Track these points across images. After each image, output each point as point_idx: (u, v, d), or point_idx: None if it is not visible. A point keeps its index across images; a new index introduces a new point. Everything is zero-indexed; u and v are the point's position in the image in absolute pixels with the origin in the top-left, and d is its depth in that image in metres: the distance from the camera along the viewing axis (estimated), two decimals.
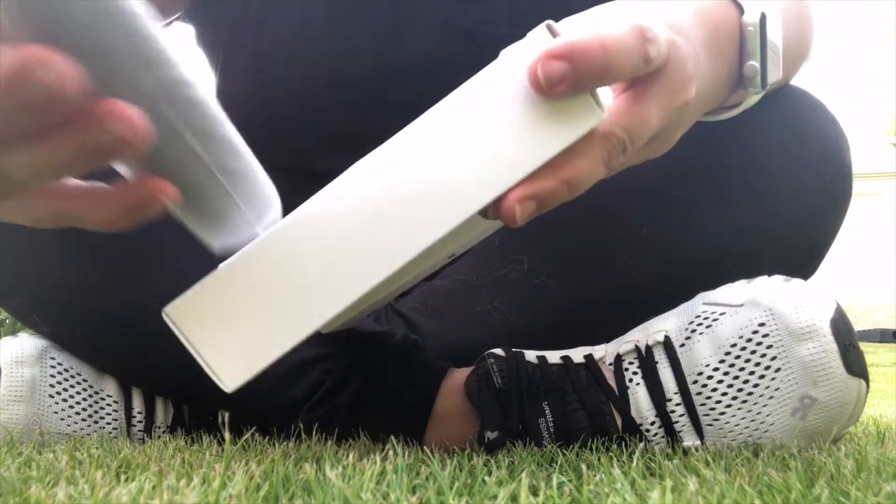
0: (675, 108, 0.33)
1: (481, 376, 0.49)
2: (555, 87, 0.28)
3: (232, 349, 0.30)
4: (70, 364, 0.53)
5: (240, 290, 0.30)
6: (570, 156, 0.29)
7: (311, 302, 0.29)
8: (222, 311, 0.30)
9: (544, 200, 0.30)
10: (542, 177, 0.29)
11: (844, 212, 0.53)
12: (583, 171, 0.30)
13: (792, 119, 0.51)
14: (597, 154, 0.30)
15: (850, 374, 0.43)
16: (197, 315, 0.31)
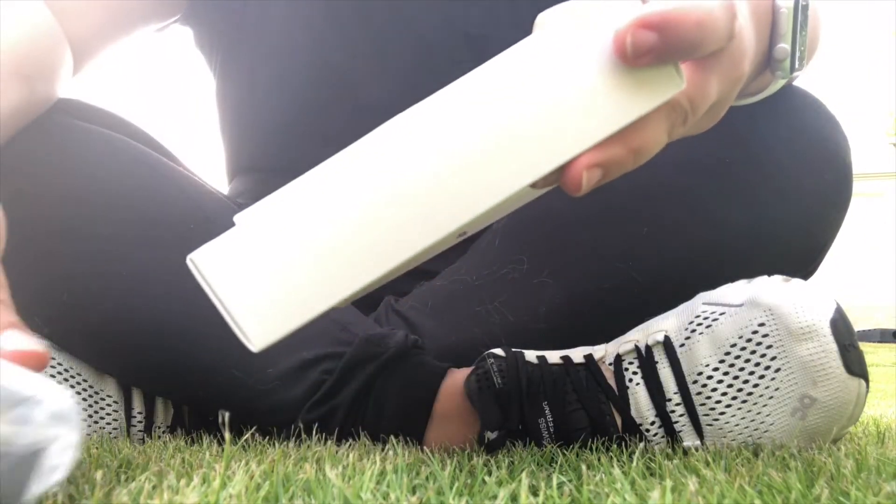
0: (732, 82, 0.32)
1: (481, 376, 0.49)
2: (641, 58, 0.27)
3: (263, 305, 0.27)
4: (70, 364, 0.53)
5: (277, 242, 0.27)
6: (639, 123, 0.28)
7: (354, 261, 0.27)
8: (256, 262, 0.27)
9: (611, 169, 0.29)
10: (612, 144, 0.28)
11: (844, 212, 0.53)
12: (651, 139, 0.29)
13: (792, 119, 0.51)
14: (663, 123, 0.29)
15: (850, 374, 0.43)
16: (227, 265, 0.27)
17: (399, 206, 0.26)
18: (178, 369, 0.52)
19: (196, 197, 0.54)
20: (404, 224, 0.26)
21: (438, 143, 0.26)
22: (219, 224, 0.54)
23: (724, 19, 0.28)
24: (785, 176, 0.50)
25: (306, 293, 0.27)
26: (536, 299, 0.54)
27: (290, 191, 0.27)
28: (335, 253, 0.27)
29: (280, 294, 0.27)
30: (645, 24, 0.26)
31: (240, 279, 0.27)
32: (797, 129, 0.51)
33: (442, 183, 0.26)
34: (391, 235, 0.26)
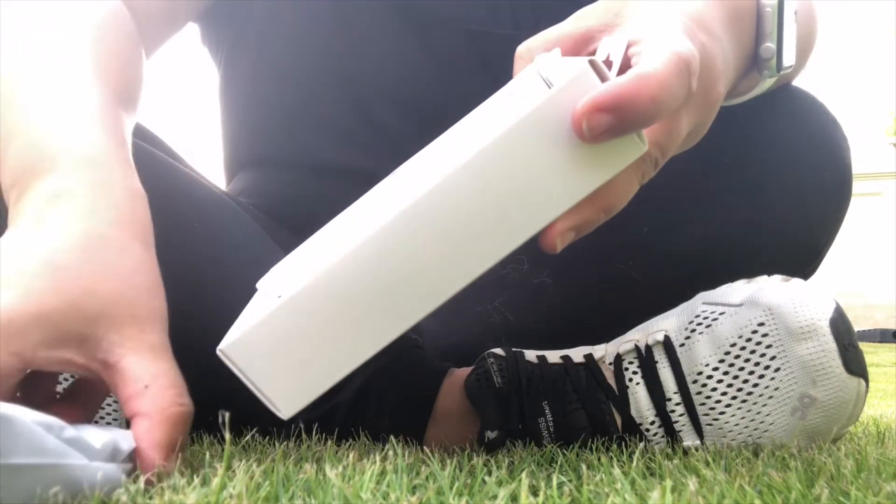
0: (706, 109, 0.33)
1: (481, 376, 0.49)
2: (599, 138, 0.28)
3: (290, 378, 0.31)
4: None
5: (295, 324, 0.30)
6: (606, 185, 0.30)
7: (368, 330, 0.30)
8: (279, 342, 0.31)
9: (583, 228, 0.31)
10: (582, 208, 0.30)
11: (844, 212, 0.53)
12: (619, 195, 0.31)
13: (792, 119, 0.51)
14: (633, 176, 0.31)
15: (850, 374, 0.43)
16: (252, 349, 0.31)
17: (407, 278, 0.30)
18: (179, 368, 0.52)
19: (199, 197, 0.54)
20: (407, 296, 0.30)
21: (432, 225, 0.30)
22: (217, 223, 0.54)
23: (680, 84, 0.28)
24: (785, 176, 0.50)
25: (325, 363, 0.31)
26: (537, 299, 0.54)
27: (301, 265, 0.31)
28: (349, 325, 0.30)
29: (303, 364, 0.31)
30: (599, 108, 0.27)
31: (263, 357, 0.31)
32: (797, 129, 0.51)
33: (439, 258, 0.30)
34: (396, 307, 0.30)
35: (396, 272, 0.30)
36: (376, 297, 0.30)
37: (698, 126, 0.34)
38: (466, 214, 0.30)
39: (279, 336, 0.31)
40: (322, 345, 0.31)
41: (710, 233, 0.51)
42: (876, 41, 10.67)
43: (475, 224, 0.30)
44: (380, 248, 0.30)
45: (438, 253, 0.30)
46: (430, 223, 0.30)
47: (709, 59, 0.32)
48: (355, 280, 0.30)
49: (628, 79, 0.27)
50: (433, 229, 0.30)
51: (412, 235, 0.30)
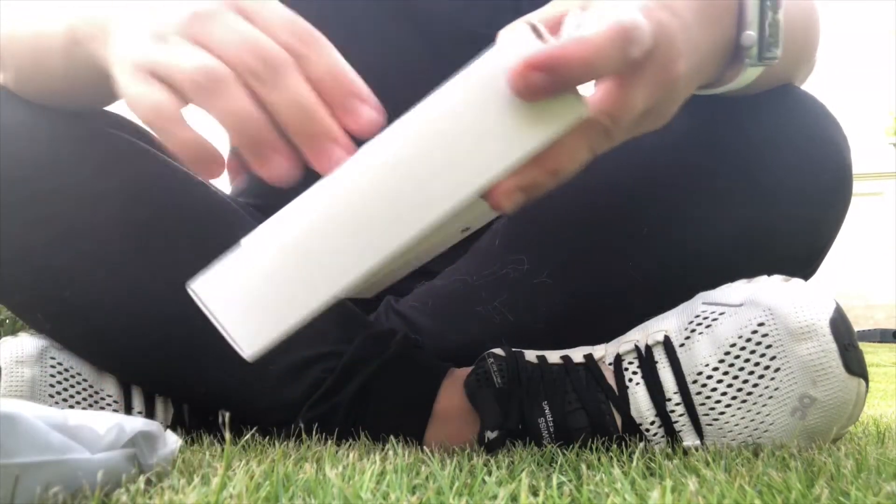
0: (664, 86, 0.34)
1: (481, 376, 0.49)
2: (535, 95, 0.29)
3: (253, 319, 0.32)
4: (70, 364, 0.53)
5: (259, 264, 0.32)
6: (554, 147, 0.31)
7: (322, 275, 0.32)
8: (244, 283, 0.32)
9: (530, 190, 0.31)
10: (528, 169, 0.31)
11: (845, 212, 0.53)
12: (566, 159, 0.31)
13: (792, 120, 0.51)
14: (581, 142, 0.32)
15: (850, 374, 0.43)
16: (220, 289, 0.33)
17: (355, 227, 0.31)
18: (178, 368, 0.52)
19: (198, 198, 0.54)
20: (361, 242, 0.31)
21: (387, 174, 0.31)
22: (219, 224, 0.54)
23: (615, 48, 0.30)
24: (785, 176, 0.50)
25: (287, 304, 0.32)
26: (536, 299, 0.54)
27: (271, 220, 0.32)
28: (308, 266, 0.32)
29: (265, 306, 0.32)
30: (533, 66, 0.28)
31: (230, 297, 0.33)
32: (797, 129, 0.51)
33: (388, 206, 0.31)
34: (348, 253, 0.31)
35: (346, 221, 0.31)
36: (330, 242, 0.31)
37: (660, 105, 0.35)
38: (415, 167, 0.31)
39: (243, 277, 0.32)
40: (282, 287, 0.32)
41: (710, 233, 0.51)
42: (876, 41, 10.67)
43: (423, 177, 0.31)
44: (331, 197, 0.32)
45: (388, 203, 0.31)
46: (380, 174, 0.31)
47: (666, 36, 0.33)
48: (310, 225, 0.32)
49: (563, 41, 0.29)
50: (383, 180, 0.31)
51: (362, 186, 0.31)
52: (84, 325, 0.51)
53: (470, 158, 0.31)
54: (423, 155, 0.31)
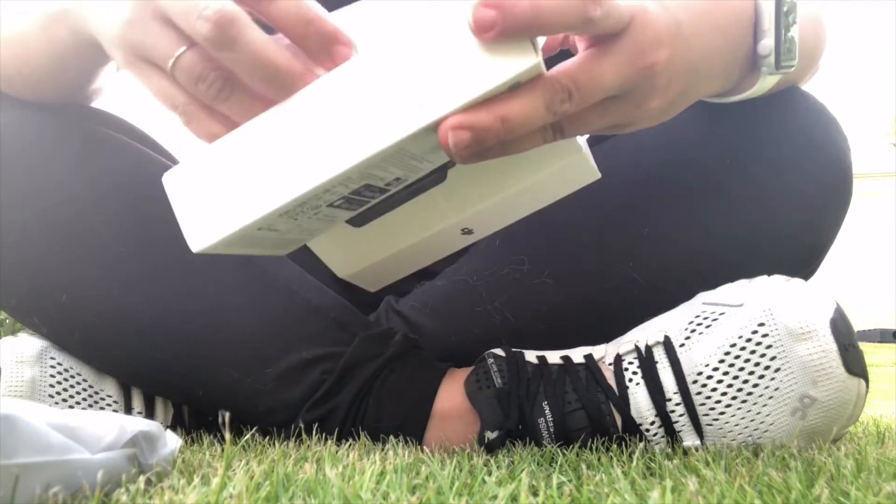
0: (639, 70, 0.34)
1: (481, 376, 0.49)
2: (485, 33, 0.30)
3: (206, 216, 0.35)
4: (70, 364, 0.53)
5: (223, 164, 0.35)
6: (509, 95, 0.31)
7: (274, 184, 0.34)
8: (206, 180, 0.35)
9: (478, 134, 0.31)
10: (477, 110, 0.31)
11: (845, 212, 0.53)
12: (520, 111, 0.32)
13: (792, 120, 0.51)
14: (538, 98, 0.32)
15: (850, 374, 0.43)
16: (185, 182, 0.35)
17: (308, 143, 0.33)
18: (177, 369, 0.52)
19: None
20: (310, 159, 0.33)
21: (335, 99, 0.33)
22: None
23: (570, 7, 0.30)
24: (785, 177, 0.50)
25: (238, 207, 0.34)
26: (537, 299, 0.54)
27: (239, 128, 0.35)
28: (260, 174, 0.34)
29: (219, 205, 0.35)
30: (486, 3, 0.30)
31: (189, 192, 0.35)
32: (797, 130, 0.51)
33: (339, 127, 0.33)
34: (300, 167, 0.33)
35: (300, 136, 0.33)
36: (283, 155, 0.33)
37: (637, 93, 0.35)
38: (369, 91, 0.32)
39: (204, 174, 0.35)
40: (236, 189, 0.34)
41: (711, 233, 0.51)
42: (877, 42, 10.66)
43: (375, 102, 0.32)
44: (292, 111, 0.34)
45: (339, 125, 0.33)
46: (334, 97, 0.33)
47: (646, 20, 0.34)
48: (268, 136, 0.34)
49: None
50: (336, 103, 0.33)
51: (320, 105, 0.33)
52: (81, 329, 0.51)
53: (422, 89, 0.32)
54: (377, 79, 0.32)
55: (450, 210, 0.46)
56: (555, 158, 0.42)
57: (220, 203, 0.35)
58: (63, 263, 0.49)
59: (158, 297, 0.50)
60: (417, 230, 0.47)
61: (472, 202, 0.46)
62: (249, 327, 0.51)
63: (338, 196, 0.36)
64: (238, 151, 0.34)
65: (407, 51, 0.32)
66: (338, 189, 0.35)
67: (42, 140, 0.50)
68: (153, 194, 0.52)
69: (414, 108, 0.32)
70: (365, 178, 0.35)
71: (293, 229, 0.38)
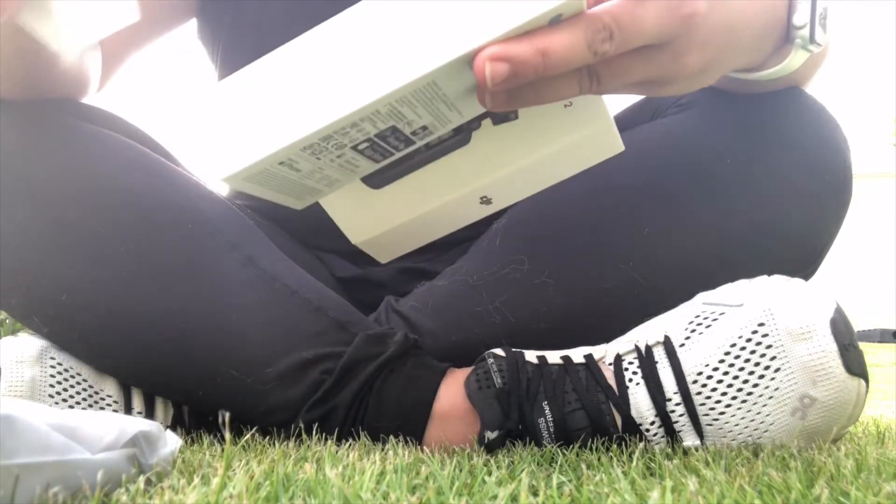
0: (679, 19, 0.34)
1: (481, 376, 0.49)
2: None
3: (230, 145, 0.34)
4: (70, 364, 0.53)
5: (249, 92, 0.34)
6: (550, 29, 0.31)
7: (301, 112, 0.33)
8: (231, 109, 0.34)
9: (517, 66, 0.31)
10: (517, 41, 0.31)
11: (845, 212, 0.53)
12: (560, 45, 0.31)
13: (793, 120, 0.51)
14: (579, 34, 0.31)
15: (850, 374, 0.43)
16: (210, 111, 0.35)
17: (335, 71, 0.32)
18: (177, 369, 0.52)
19: (194, 198, 0.54)
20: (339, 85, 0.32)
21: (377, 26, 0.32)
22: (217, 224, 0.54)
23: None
24: (785, 177, 0.50)
25: (264, 134, 0.33)
26: (537, 299, 0.54)
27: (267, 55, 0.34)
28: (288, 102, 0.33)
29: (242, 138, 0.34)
30: None
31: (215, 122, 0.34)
32: (798, 130, 0.51)
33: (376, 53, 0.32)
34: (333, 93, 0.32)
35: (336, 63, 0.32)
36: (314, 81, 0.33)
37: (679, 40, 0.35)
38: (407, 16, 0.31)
39: (232, 100, 0.34)
40: (266, 115, 0.33)
41: (711, 233, 0.51)
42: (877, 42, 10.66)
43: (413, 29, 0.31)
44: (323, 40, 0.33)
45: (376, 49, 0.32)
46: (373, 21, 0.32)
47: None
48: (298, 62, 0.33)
49: None
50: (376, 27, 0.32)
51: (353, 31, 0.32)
52: (81, 329, 0.51)
53: (462, 16, 0.31)
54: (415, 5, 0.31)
55: (471, 175, 0.45)
56: (582, 125, 0.42)
57: (245, 132, 0.34)
58: (63, 263, 0.49)
59: (159, 297, 0.50)
60: (437, 195, 0.46)
61: (495, 168, 0.45)
62: (250, 327, 0.51)
63: (363, 136, 0.35)
64: (265, 80, 0.34)
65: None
66: (365, 125, 0.34)
67: (42, 139, 0.50)
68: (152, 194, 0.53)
69: (452, 36, 0.31)
70: (393, 116, 0.34)
71: (314, 172, 0.37)
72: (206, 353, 0.51)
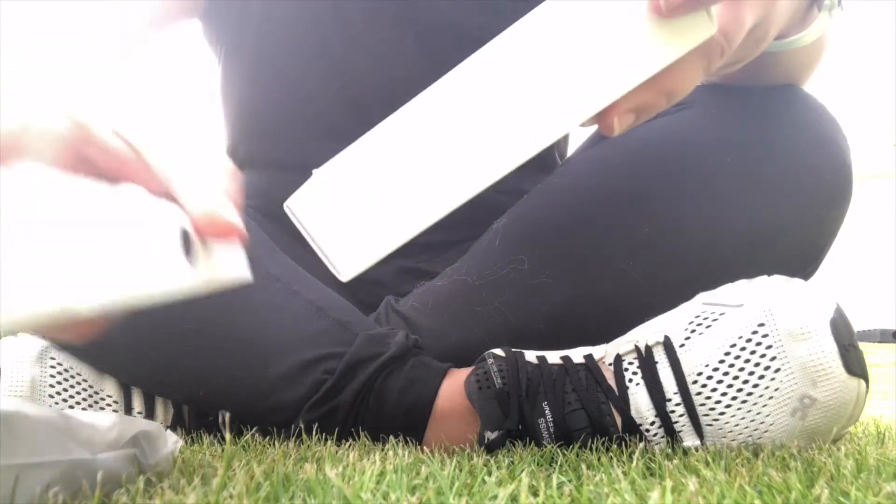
0: (766, 4, 0.34)
1: (481, 376, 0.49)
2: (674, 11, 0.28)
3: (351, 239, 0.31)
4: (70, 364, 0.53)
5: (363, 178, 0.30)
6: (671, 67, 0.30)
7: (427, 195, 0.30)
8: (343, 200, 0.30)
9: (643, 112, 0.30)
10: (644, 90, 0.30)
11: (845, 212, 0.53)
12: (682, 80, 0.31)
13: (793, 121, 0.51)
14: (697, 62, 0.31)
15: (850, 374, 0.43)
16: (317, 205, 0.31)
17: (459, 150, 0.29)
18: (178, 369, 0.52)
19: None
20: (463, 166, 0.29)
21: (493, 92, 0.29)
22: None
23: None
24: (785, 177, 0.50)
25: (391, 220, 0.30)
26: (537, 299, 0.54)
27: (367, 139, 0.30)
28: (410, 189, 0.30)
29: (366, 222, 0.30)
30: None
31: (329, 218, 0.31)
32: (798, 130, 0.51)
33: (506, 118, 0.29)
34: (456, 175, 0.30)
35: (460, 129, 0.29)
36: (438, 158, 0.30)
37: (762, 24, 0.34)
38: (535, 74, 0.29)
39: (343, 188, 0.30)
40: (388, 200, 0.30)
41: (711, 233, 0.51)
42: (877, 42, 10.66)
43: (549, 89, 0.29)
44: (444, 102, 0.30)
45: (505, 113, 0.29)
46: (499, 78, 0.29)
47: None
48: (413, 137, 0.30)
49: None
50: (502, 85, 0.29)
51: (479, 89, 0.29)
52: None
53: (599, 71, 0.29)
54: (550, 65, 0.29)
55: None
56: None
57: (367, 225, 0.30)
58: None
59: None
60: None
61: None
62: (251, 327, 0.51)
63: None
64: (377, 164, 0.30)
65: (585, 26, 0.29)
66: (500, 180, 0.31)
67: None
68: None
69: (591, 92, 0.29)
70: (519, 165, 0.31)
71: None
72: (207, 353, 0.51)
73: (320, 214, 0.31)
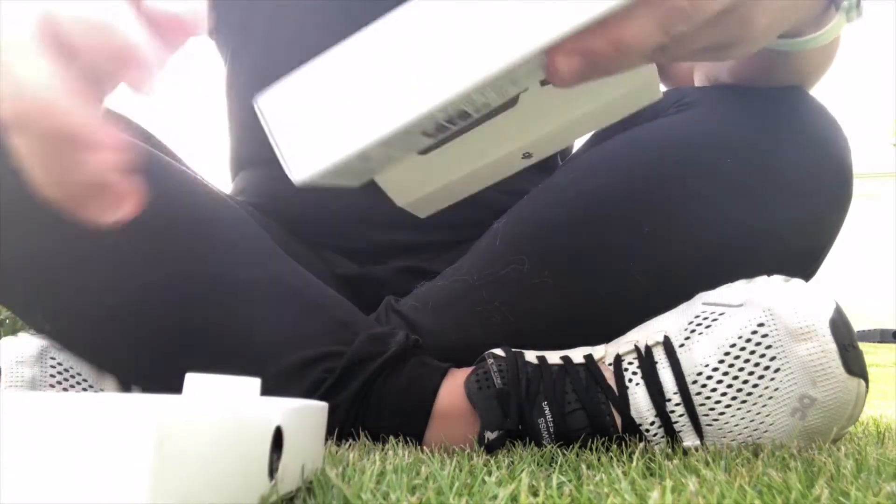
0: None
1: (481, 376, 0.49)
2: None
3: (308, 143, 0.32)
4: (70, 364, 0.53)
5: (326, 87, 0.32)
6: (623, 17, 0.30)
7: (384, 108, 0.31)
8: (307, 105, 0.32)
9: (593, 60, 0.30)
10: (591, 34, 0.30)
11: (845, 212, 0.53)
12: (634, 34, 0.30)
13: (793, 121, 0.51)
14: (653, 18, 0.30)
15: (850, 374, 0.43)
16: (283, 107, 0.33)
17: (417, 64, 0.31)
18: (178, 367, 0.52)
19: (196, 195, 0.54)
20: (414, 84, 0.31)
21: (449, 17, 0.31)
22: (218, 224, 0.54)
23: None
24: (785, 177, 0.50)
25: (346, 131, 0.32)
26: (537, 299, 0.54)
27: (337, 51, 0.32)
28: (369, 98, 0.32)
29: (323, 130, 0.32)
30: None
31: (291, 120, 0.33)
32: (798, 130, 0.51)
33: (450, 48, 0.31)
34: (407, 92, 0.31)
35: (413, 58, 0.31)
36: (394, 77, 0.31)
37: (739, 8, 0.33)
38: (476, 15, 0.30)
39: (309, 94, 0.32)
40: (345, 111, 0.32)
41: (711, 233, 0.51)
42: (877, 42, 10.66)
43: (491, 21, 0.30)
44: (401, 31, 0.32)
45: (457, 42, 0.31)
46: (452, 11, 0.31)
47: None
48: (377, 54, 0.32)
49: None
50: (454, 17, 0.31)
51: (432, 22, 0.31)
52: (83, 325, 0.51)
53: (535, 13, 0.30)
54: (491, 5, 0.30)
55: (516, 134, 0.44)
56: (629, 79, 0.40)
57: (324, 130, 0.32)
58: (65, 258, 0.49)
59: (162, 294, 0.50)
60: (481, 156, 0.46)
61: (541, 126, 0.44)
62: (252, 325, 0.51)
63: (434, 122, 0.34)
64: (343, 73, 0.32)
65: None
66: (439, 114, 0.33)
67: None
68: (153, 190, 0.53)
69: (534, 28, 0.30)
70: (465, 102, 0.33)
71: (382, 158, 0.36)
72: (208, 351, 0.51)
73: (284, 115, 0.33)
